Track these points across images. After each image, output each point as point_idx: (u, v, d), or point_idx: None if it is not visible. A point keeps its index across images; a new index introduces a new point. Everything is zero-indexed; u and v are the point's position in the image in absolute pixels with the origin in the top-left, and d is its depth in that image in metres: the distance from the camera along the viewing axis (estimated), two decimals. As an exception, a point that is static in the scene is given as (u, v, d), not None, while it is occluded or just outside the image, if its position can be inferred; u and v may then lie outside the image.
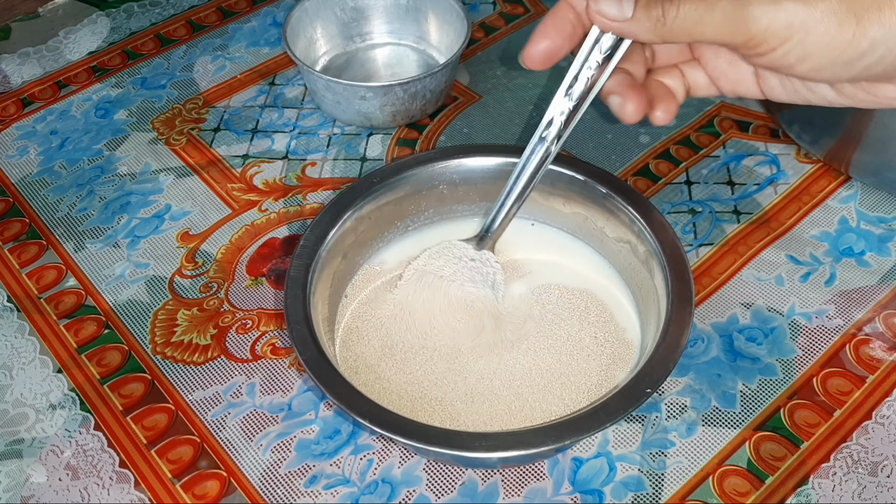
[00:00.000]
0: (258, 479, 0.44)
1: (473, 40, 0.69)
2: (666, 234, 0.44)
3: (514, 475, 0.43)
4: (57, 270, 0.54)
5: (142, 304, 0.52)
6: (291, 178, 0.59)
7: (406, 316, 0.46)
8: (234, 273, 0.53)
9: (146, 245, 0.55)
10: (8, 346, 0.50)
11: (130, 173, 0.60)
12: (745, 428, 0.45)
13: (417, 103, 0.60)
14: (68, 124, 0.64)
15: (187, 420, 0.46)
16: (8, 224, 0.58)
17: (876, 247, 0.53)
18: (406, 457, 0.44)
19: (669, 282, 0.42)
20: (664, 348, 0.39)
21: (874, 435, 0.44)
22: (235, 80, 0.67)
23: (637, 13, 0.33)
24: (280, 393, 0.47)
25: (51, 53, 0.71)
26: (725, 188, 0.57)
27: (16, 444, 0.46)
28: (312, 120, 0.64)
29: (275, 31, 0.72)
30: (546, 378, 0.44)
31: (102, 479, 0.44)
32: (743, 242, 0.53)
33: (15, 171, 0.61)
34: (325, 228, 0.46)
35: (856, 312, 0.49)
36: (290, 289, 0.43)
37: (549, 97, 0.63)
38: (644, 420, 0.45)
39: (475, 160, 0.49)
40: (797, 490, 0.42)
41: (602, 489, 0.43)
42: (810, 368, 0.47)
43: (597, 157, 0.59)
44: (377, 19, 0.67)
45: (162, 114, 0.65)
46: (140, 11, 0.74)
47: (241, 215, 0.57)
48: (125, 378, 0.48)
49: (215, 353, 0.49)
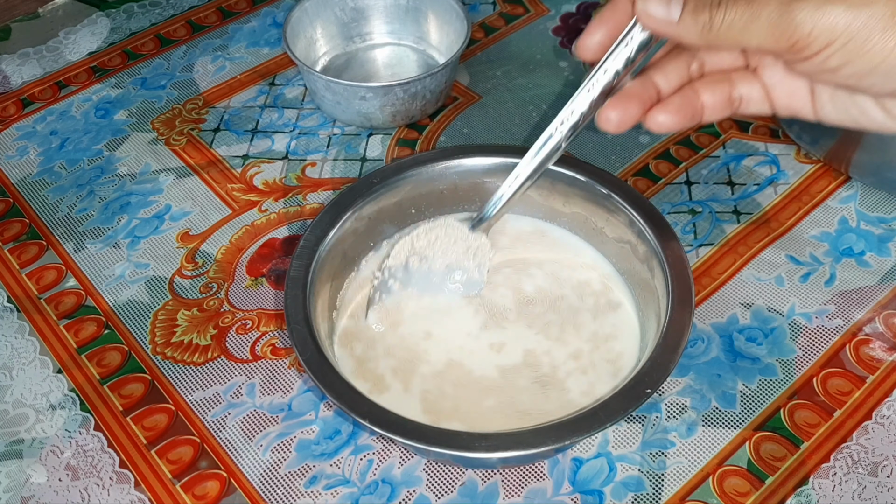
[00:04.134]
0: (258, 479, 0.44)
1: (473, 40, 0.69)
2: (666, 234, 0.44)
3: (514, 475, 0.43)
4: (57, 271, 0.54)
5: (142, 304, 0.52)
6: (291, 178, 0.59)
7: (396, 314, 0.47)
8: (234, 273, 0.53)
9: (146, 245, 0.55)
10: (8, 347, 0.50)
11: (130, 174, 0.60)
12: (745, 428, 0.45)
13: (417, 103, 0.60)
14: (68, 125, 0.64)
15: (187, 420, 0.46)
16: (8, 224, 0.58)
17: (876, 247, 0.53)
18: (406, 457, 0.44)
19: (669, 282, 0.42)
20: (664, 348, 0.39)
21: (874, 435, 0.44)
22: (235, 80, 0.67)
23: (685, 16, 0.33)
24: (280, 393, 0.47)
25: (51, 54, 0.71)
26: (725, 188, 0.57)
27: (16, 445, 0.46)
28: (312, 120, 0.64)
29: (275, 32, 0.72)
30: (542, 374, 0.44)
31: (102, 480, 0.44)
32: (743, 242, 0.53)
33: (15, 171, 0.61)
34: (325, 229, 0.46)
35: (856, 312, 0.49)
36: (290, 289, 0.43)
37: (549, 97, 0.64)
38: (644, 420, 0.45)
39: (475, 160, 0.49)
40: (797, 490, 0.42)
41: (602, 489, 0.43)
42: (810, 368, 0.47)
43: (597, 157, 0.59)
44: (377, 19, 0.67)
45: (162, 114, 0.65)
46: (140, 12, 0.74)
47: (241, 215, 0.57)
48: (125, 378, 0.48)
49: (215, 353, 0.49)
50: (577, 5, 0.73)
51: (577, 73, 0.66)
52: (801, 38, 0.31)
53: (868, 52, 0.31)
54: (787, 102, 0.37)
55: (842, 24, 0.31)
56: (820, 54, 0.32)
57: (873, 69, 0.31)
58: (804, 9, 0.31)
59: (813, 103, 0.36)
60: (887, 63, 0.31)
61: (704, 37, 0.33)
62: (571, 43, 0.69)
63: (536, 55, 0.68)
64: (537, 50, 0.69)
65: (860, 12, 0.30)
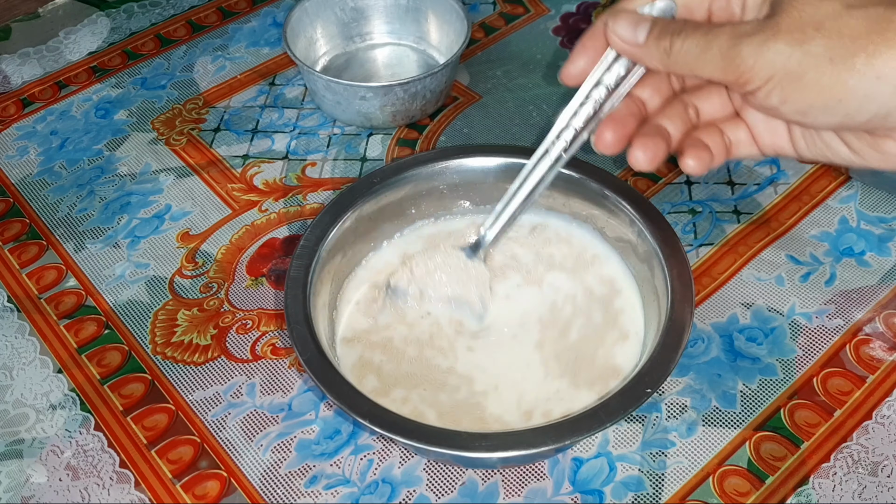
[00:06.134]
0: (258, 479, 0.44)
1: (473, 40, 0.69)
2: (666, 234, 0.44)
3: (514, 475, 0.43)
4: (57, 271, 0.54)
5: (142, 304, 0.52)
6: (291, 178, 0.59)
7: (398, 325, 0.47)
8: (234, 273, 0.53)
9: (146, 245, 0.55)
10: (8, 347, 0.50)
11: (130, 173, 0.60)
12: (745, 428, 0.45)
13: (417, 103, 0.60)
14: (68, 124, 0.64)
15: (187, 420, 0.46)
16: (8, 224, 0.58)
17: (876, 247, 0.53)
18: (406, 457, 0.44)
19: (669, 282, 0.42)
20: (664, 348, 0.39)
21: (874, 435, 0.44)
22: (235, 80, 0.67)
23: (649, 41, 0.34)
24: (280, 393, 0.47)
25: (51, 53, 0.71)
26: (725, 188, 0.57)
27: (16, 445, 0.46)
28: (312, 120, 0.64)
29: (275, 32, 0.72)
30: (541, 374, 0.44)
31: (103, 480, 0.44)
32: (743, 242, 0.53)
33: (15, 171, 0.61)
34: (326, 228, 0.46)
35: (856, 312, 0.49)
36: (290, 289, 0.43)
37: (548, 97, 0.64)
38: (644, 420, 0.45)
39: (475, 160, 0.49)
40: (797, 490, 0.42)
41: (602, 489, 0.43)
42: (810, 368, 0.47)
43: (597, 157, 0.59)
44: (377, 19, 0.67)
45: (162, 114, 0.65)
46: (140, 12, 0.74)
47: (241, 215, 0.57)
48: (125, 378, 0.48)
49: (215, 353, 0.49)
50: (577, 5, 0.73)
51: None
52: (745, 72, 0.32)
53: (803, 88, 0.31)
54: (770, 142, 0.38)
55: (780, 61, 0.31)
56: (762, 90, 0.32)
57: (810, 106, 0.32)
58: (750, 44, 0.32)
59: (791, 141, 0.37)
60: (822, 99, 0.32)
61: (664, 62, 0.34)
62: (572, 43, 0.69)
63: (537, 55, 0.68)
64: (537, 50, 0.69)
65: (796, 49, 0.31)
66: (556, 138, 0.39)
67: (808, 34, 0.31)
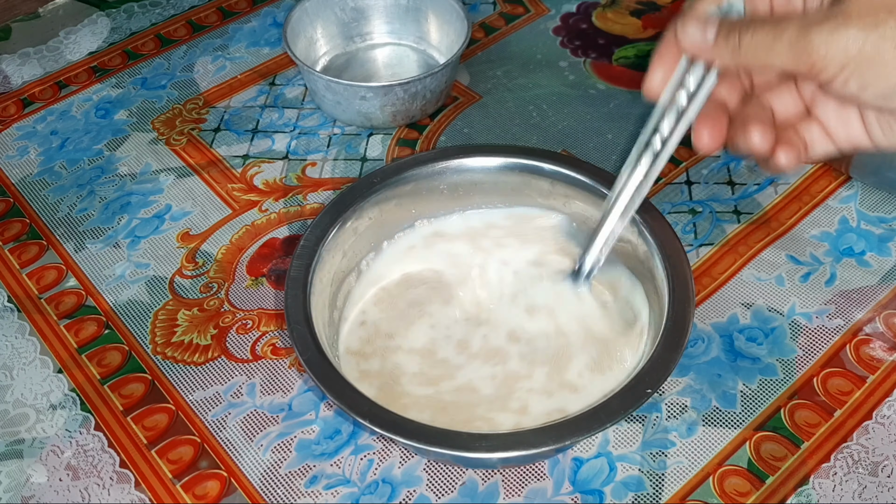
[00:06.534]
0: (258, 479, 0.44)
1: (473, 40, 0.69)
2: (666, 234, 0.44)
3: (514, 475, 0.43)
4: (57, 271, 0.54)
5: (142, 304, 0.52)
6: (292, 178, 0.59)
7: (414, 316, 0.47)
8: (234, 273, 0.53)
9: (146, 245, 0.55)
10: (8, 347, 0.50)
11: (131, 173, 0.60)
12: (745, 428, 0.45)
13: (417, 103, 0.60)
14: (68, 124, 0.64)
15: (188, 420, 0.46)
16: (8, 224, 0.58)
17: (876, 247, 0.53)
18: (406, 457, 0.44)
19: (669, 282, 0.42)
20: (664, 348, 0.39)
21: (874, 435, 0.44)
22: (236, 80, 0.67)
23: (718, 39, 0.35)
24: (280, 393, 0.47)
25: (51, 53, 0.71)
26: (726, 188, 0.57)
27: (16, 445, 0.46)
28: (313, 120, 0.64)
29: (275, 31, 0.72)
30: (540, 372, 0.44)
31: (103, 480, 0.44)
32: (743, 242, 0.53)
33: (15, 171, 0.61)
34: (326, 228, 0.46)
35: (856, 312, 0.49)
36: (290, 289, 0.43)
37: (549, 97, 0.64)
38: (644, 420, 0.45)
39: (475, 160, 0.49)
40: (797, 490, 0.42)
41: (602, 489, 0.43)
42: (810, 368, 0.47)
43: (597, 157, 0.59)
44: (377, 19, 0.67)
45: (162, 114, 0.65)
46: (140, 11, 0.74)
47: (241, 215, 0.57)
48: (125, 378, 0.48)
49: (215, 353, 0.49)
50: (577, 5, 0.73)
51: (577, 73, 0.66)
52: (817, 61, 0.32)
53: (882, 71, 0.31)
54: (845, 134, 0.37)
55: (854, 47, 0.31)
56: (839, 77, 0.32)
57: (893, 87, 0.32)
58: (820, 32, 0.32)
59: (866, 130, 0.37)
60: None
61: (735, 58, 0.34)
62: (571, 43, 0.69)
63: (537, 55, 0.68)
64: (538, 50, 0.69)
65: (871, 34, 0.31)
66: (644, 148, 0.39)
67: (881, 17, 0.31)
